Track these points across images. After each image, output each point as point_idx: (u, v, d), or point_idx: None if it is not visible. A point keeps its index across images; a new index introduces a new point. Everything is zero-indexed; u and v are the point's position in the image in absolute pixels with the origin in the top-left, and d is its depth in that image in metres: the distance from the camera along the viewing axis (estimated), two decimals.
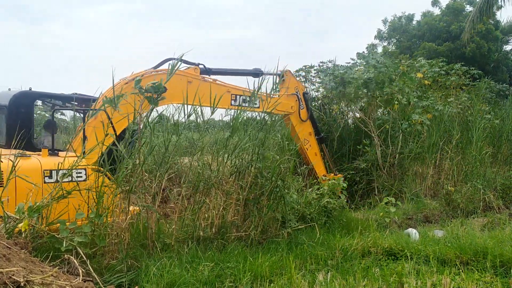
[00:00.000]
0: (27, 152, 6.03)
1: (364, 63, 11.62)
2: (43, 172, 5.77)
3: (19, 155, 5.58)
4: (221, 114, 7.42)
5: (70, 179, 5.58)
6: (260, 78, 7.86)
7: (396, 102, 10.51)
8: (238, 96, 8.53)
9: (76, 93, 8.02)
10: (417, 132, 11.01)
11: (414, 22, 25.60)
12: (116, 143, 5.76)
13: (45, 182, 5.72)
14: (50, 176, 5.81)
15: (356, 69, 11.53)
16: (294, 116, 9.85)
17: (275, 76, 8.54)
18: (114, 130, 6.26)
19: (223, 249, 6.08)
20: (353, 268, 5.74)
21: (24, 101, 7.29)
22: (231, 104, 8.30)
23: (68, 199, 5.20)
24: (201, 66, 8.34)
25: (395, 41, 25.85)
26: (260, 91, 7.79)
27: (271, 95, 8.45)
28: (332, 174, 10.14)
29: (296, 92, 9.90)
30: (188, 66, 8.17)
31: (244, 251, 6.03)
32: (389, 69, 10.70)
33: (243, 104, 8.22)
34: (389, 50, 24.80)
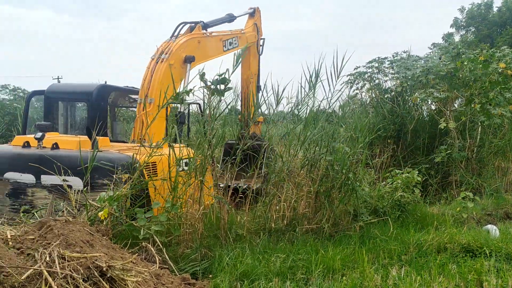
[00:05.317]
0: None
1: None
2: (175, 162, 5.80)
3: (155, 146, 5.67)
4: (283, 105, 7.40)
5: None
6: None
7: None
8: (226, 41, 8.95)
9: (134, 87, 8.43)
10: (496, 125, 10.46)
11: (494, 9, 24.29)
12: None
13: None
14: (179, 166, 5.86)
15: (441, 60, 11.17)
16: (253, 47, 10.12)
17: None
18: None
19: (295, 241, 6.10)
20: (428, 264, 5.58)
21: (103, 94, 7.67)
22: (224, 51, 8.83)
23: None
24: (201, 24, 8.48)
25: (473, 29, 24.62)
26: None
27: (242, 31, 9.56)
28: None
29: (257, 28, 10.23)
30: (193, 26, 8.34)
31: (315, 243, 6.01)
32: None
33: (229, 47, 8.92)
34: (468, 39, 23.70)
